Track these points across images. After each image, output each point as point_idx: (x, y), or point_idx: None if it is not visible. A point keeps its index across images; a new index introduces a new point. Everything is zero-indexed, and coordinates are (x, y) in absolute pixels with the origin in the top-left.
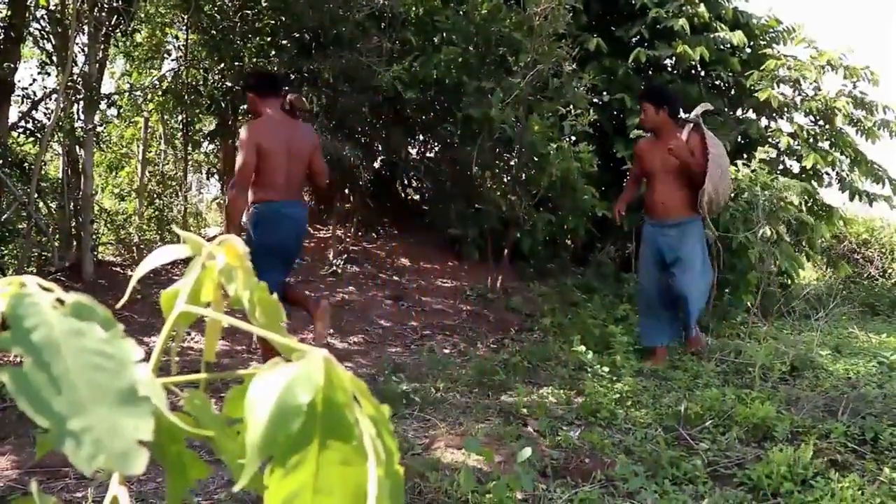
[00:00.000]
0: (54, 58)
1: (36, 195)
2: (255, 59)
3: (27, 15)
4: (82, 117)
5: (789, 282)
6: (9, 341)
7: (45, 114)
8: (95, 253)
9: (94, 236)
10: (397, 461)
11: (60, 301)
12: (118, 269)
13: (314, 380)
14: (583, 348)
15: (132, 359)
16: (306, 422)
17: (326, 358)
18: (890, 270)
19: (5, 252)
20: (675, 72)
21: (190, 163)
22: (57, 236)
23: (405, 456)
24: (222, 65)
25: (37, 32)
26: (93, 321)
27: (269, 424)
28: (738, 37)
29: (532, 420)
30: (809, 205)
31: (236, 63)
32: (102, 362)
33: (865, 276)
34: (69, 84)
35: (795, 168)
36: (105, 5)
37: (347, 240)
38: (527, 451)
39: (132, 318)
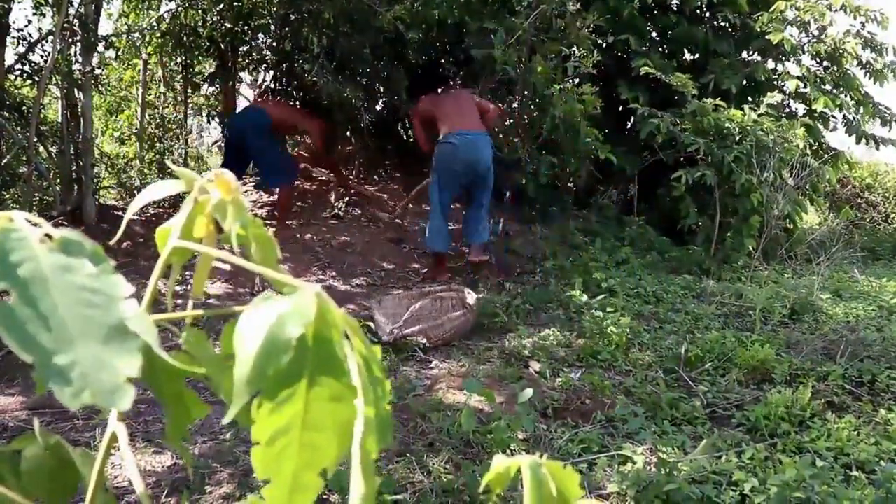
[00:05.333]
0: None
1: (36, 139)
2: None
3: None
4: (80, 60)
5: (792, 226)
6: None
7: (41, 56)
8: (97, 197)
9: (95, 180)
10: (387, 399)
11: (49, 236)
12: (120, 212)
13: (305, 314)
14: (578, 292)
15: (121, 294)
16: (296, 356)
17: (318, 293)
18: (893, 215)
19: (7, 196)
20: (681, 12)
21: (190, 106)
22: (58, 181)
23: (407, 397)
24: (221, 5)
25: None
26: (82, 256)
27: (258, 358)
28: None
29: (533, 362)
30: (815, 148)
31: (235, 4)
32: (90, 297)
33: (868, 220)
34: (65, 25)
35: (801, 111)
36: None
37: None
38: (528, 392)
39: (137, 261)
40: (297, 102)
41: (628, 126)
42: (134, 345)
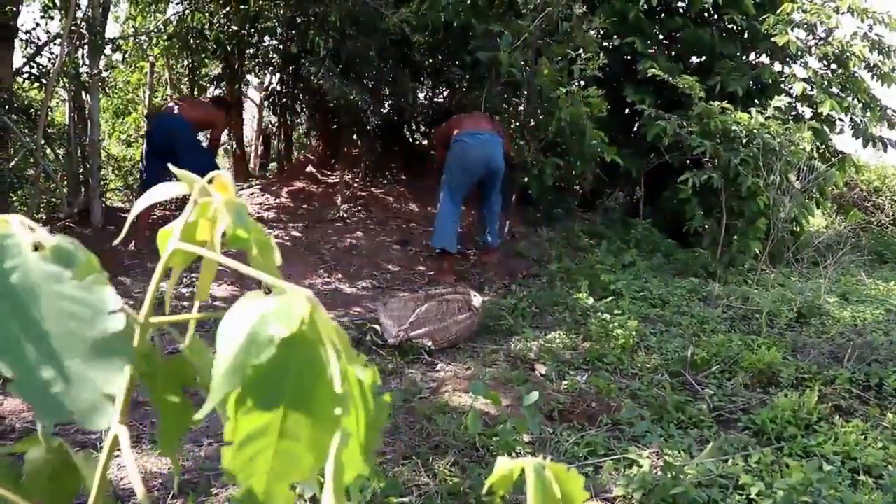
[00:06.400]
0: (57, 1)
1: (43, 141)
2: (260, 2)
3: None
4: (87, 62)
5: (798, 229)
6: None
7: (49, 59)
8: (104, 199)
9: (102, 182)
10: (375, 417)
11: (42, 244)
12: (127, 214)
13: (290, 315)
14: (584, 294)
15: (108, 308)
16: (281, 358)
17: (309, 298)
18: None
19: (14, 199)
20: (688, 15)
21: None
22: (65, 183)
23: (413, 399)
24: (227, 8)
25: None
26: (73, 266)
27: (236, 354)
28: None
29: (539, 364)
30: (822, 151)
31: (241, 6)
32: (78, 310)
33: (875, 223)
34: (73, 28)
35: (807, 114)
36: None
37: (355, 185)
38: (534, 395)
39: (143, 262)
40: (303, 104)
41: (635, 128)
42: (118, 362)
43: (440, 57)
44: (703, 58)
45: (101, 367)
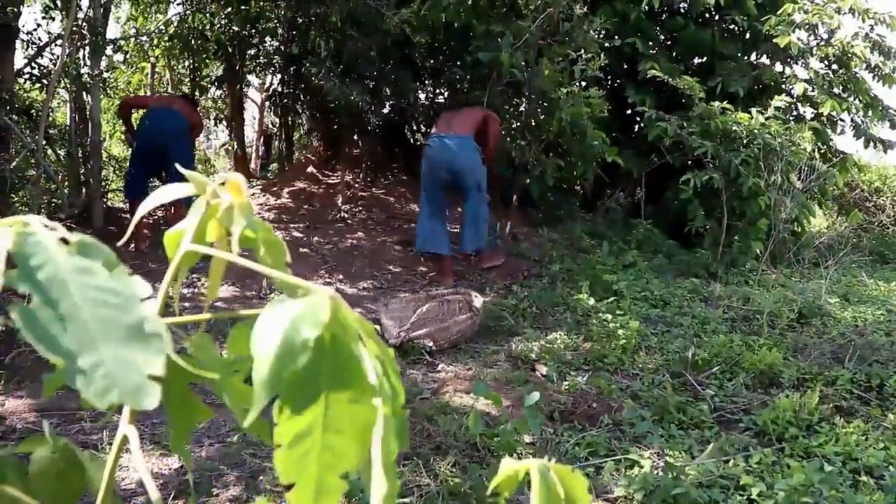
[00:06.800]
0: (58, 2)
1: (44, 142)
2: (261, 3)
3: None
4: (88, 63)
5: (800, 229)
6: (16, 279)
7: (50, 60)
8: (105, 200)
9: (103, 183)
10: (402, 400)
11: (65, 241)
12: (128, 215)
13: (320, 317)
14: (585, 295)
15: (140, 295)
16: (314, 359)
17: (332, 296)
18: None
19: (15, 199)
20: (689, 15)
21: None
22: (66, 183)
23: (414, 400)
24: (229, 9)
25: None
26: (98, 259)
27: (275, 361)
28: None
29: (540, 365)
30: (823, 151)
31: (242, 7)
32: (110, 299)
33: (876, 224)
34: (74, 29)
35: (808, 114)
36: None
37: (356, 185)
38: (535, 396)
39: (145, 263)
40: (304, 105)
41: (636, 129)
42: (157, 344)
43: (441, 57)
44: (704, 58)
45: (141, 350)
